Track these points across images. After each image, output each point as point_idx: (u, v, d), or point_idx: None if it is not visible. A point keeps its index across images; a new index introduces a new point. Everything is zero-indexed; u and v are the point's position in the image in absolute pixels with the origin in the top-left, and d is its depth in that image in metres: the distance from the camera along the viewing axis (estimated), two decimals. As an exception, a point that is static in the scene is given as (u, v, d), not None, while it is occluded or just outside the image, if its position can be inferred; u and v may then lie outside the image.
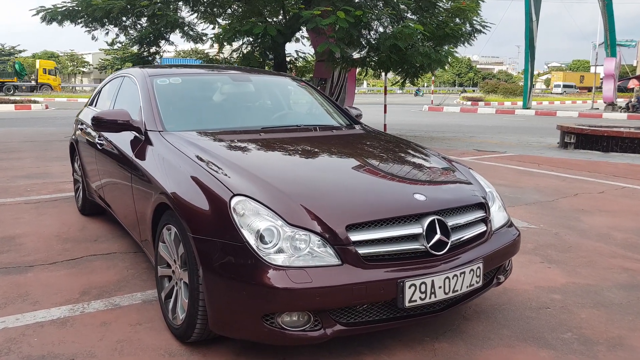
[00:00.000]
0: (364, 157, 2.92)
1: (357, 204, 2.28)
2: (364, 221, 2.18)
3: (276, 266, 2.07)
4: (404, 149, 3.24)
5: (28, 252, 3.76)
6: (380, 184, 2.51)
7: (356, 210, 2.23)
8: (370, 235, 2.17)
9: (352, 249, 2.13)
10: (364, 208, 2.26)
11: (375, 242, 2.18)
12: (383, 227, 2.21)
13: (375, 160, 2.91)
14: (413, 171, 2.78)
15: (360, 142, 3.35)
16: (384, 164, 2.86)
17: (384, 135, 3.67)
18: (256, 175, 2.40)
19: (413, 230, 2.24)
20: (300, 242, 2.13)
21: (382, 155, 3.08)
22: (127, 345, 2.49)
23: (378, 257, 2.18)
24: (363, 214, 2.21)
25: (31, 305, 2.89)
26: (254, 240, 2.11)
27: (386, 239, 2.20)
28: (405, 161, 2.98)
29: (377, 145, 3.32)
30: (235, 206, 2.21)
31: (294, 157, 2.83)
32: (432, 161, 3.03)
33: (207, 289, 2.21)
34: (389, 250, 2.19)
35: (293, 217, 2.16)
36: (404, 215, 2.25)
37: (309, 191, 2.33)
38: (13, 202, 5.30)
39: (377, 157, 3.01)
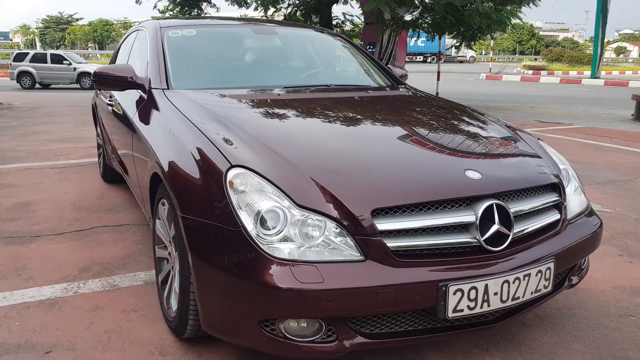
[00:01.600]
0: (403, 124, 2.36)
1: (389, 183, 1.75)
2: (396, 205, 1.67)
3: (279, 260, 1.60)
4: (455, 114, 2.65)
5: (38, 221, 3.50)
6: (422, 157, 1.96)
7: (387, 191, 1.71)
8: (404, 223, 1.65)
9: (379, 240, 1.62)
10: (398, 188, 1.73)
11: (410, 233, 1.67)
12: (422, 213, 1.68)
13: (417, 126, 2.34)
14: (466, 142, 2.20)
15: (402, 106, 2.78)
16: (428, 131, 2.30)
17: (432, 99, 3.08)
18: (265, 143, 1.92)
19: (463, 218, 1.70)
20: (312, 229, 1.65)
21: (427, 121, 2.51)
22: (115, 337, 2.13)
23: (413, 253, 1.66)
24: (396, 196, 1.69)
25: (24, 282, 2.60)
26: (252, 224, 1.64)
27: (425, 229, 1.68)
28: (457, 129, 2.40)
29: (423, 109, 2.75)
30: (233, 179, 1.74)
31: (316, 123, 2.31)
32: (491, 129, 2.43)
33: (196, 281, 1.78)
34: (428, 243, 1.67)
35: (304, 197, 1.67)
36: (452, 198, 1.72)
37: (327, 165, 1.82)
38: (39, 166, 5.12)
39: (420, 123, 2.45)
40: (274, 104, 2.54)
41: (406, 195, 1.69)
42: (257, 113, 2.39)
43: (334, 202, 1.66)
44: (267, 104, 2.53)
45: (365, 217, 1.63)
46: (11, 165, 5.11)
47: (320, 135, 2.11)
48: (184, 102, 2.41)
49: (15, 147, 6.04)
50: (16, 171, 4.87)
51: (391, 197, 1.68)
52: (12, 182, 4.48)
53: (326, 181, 1.71)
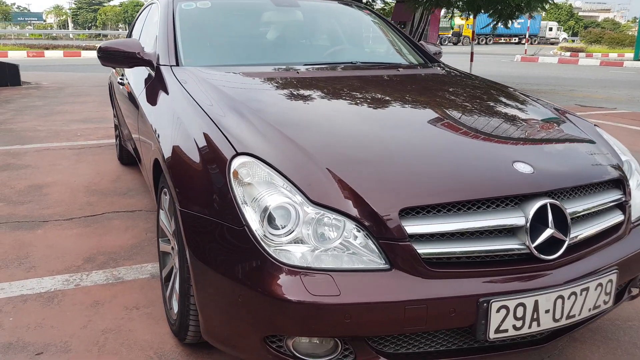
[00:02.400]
0: (438, 106, 2.06)
1: (422, 177, 1.48)
2: (430, 204, 1.40)
3: (288, 266, 1.36)
4: (497, 96, 2.34)
5: (48, 205, 3.35)
6: (461, 146, 1.67)
7: (419, 186, 1.44)
8: (439, 226, 1.38)
9: (408, 246, 1.36)
10: (432, 183, 1.46)
11: (446, 238, 1.40)
12: (460, 214, 1.41)
13: (455, 110, 2.04)
14: (512, 128, 1.89)
15: (436, 86, 2.48)
16: (467, 115, 1.99)
17: (470, 77, 2.75)
18: (278, 128, 1.66)
19: (510, 221, 1.42)
20: (329, 229, 1.40)
21: (465, 103, 2.20)
22: (113, 338, 1.94)
23: (449, 261, 1.40)
24: (429, 193, 1.42)
25: (25, 272, 2.44)
26: (258, 223, 1.40)
27: (464, 233, 1.41)
28: (500, 112, 2.09)
29: (460, 89, 2.43)
30: (238, 169, 1.50)
31: (339, 105, 2.04)
32: (539, 114, 2.12)
33: (195, 284, 1.56)
34: (467, 250, 1.40)
35: (318, 192, 1.42)
36: (497, 196, 1.44)
37: (348, 154, 1.56)
38: (58, 147, 5.00)
39: (458, 105, 2.14)
40: (292, 83, 2.28)
41: (443, 192, 1.42)
42: (273, 93, 2.13)
43: (354, 198, 1.40)
44: (285, 83, 2.27)
45: (392, 217, 1.37)
46: (30, 145, 5.01)
47: (342, 119, 1.83)
48: (192, 81, 2.17)
49: (36, 127, 5.96)
50: (34, 152, 4.76)
51: (424, 194, 1.41)
52: (28, 163, 4.37)
53: (346, 173, 1.45)
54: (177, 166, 1.72)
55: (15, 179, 3.89)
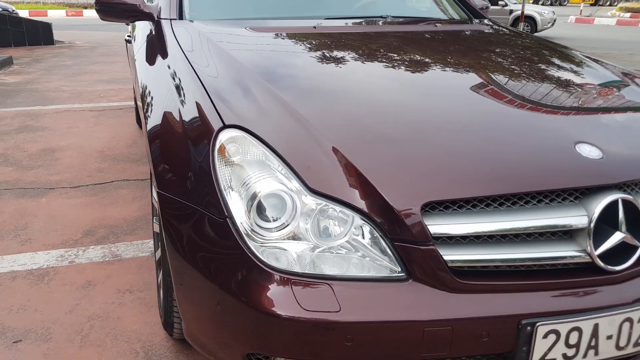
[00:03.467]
0: (483, 71, 1.69)
1: (453, 162, 1.15)
2: (461, 198, 1.08)
3: (277, 271, 1.08)
4: (554, 58, 1.94)
5: (58, 170, 3.19)
6: (508, 122, 1.31)
7: (449, 175, 1.11)
8: (471, 226, 1.07)
9: (431, 250, 1.06)
10: (466, 171, 1.12)
11: (481, 241, 1.09)
12: (500, 212, 1.09)
13: (502, 75, 1.66)
14: (573, 99, 1.51)
15: (482, 46, 2.09)
16: (517, 83, 1.62)
17: (521, 36, 2.34)
18: (282, 97, 1.36)
19: (567, 220, 1.09)
20: (334, 223, 1.12)
21: (515, 67, 1.81)
22: (99, 326, 1.75)
23: (483, 272, 1.09)
24: (462, 184, 1.09)
25: (19, 245, 2.28)
26: (244, 214, 1.12)
27: (504, 236, 1.09)
28: (558, 80, 1.69)
29: (509, 50, 2.04)
30: (226, 144, 1.22)
31: (361, 69, 1.69)
32: (606, 80, 1.72)
33: (173, 279, 1.31)
34: (507, 258, 1.08)
35: (319, 178, 1.12)
36: (552, 189, 1.10)
37: (362, 131, 1.24)
38: (79, 108, 4.86)
39: (506, 70, 1.76)
40: (310, 41, 1.94)
41: (480, 182, 1.09)
42: (283, 53, 1.82)
43: (364, 187, 1.10)
44: (301, 42, 1.94)
45: (412, 213, 1.06)
46: (51, 106, 4.89)
47: (362, 86, 1.50)
48: (190, 37, 1.88)
49: (61, 87, 5.84)
50: (53, 113, 4.63)
51: (456, 184, 1.09)
52: (46, 124, 4.24)
53: (356, 154, 1.14)
54: (158, 139, 1.45)
55: (29, 142, 3.76)
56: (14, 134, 3.94)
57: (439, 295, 1.06)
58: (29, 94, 5.38)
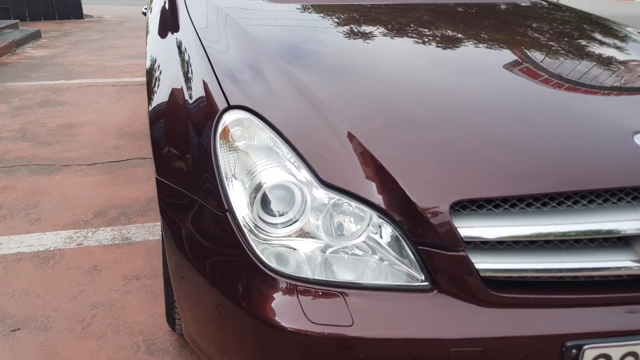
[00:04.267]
0: (518, 48, 1.49)
1: (489, 154, 0.97)
2: (497, 196, 0.91)
3: (281, 275, 0.94)
4: (601, 34, 1.71)
5: (75, 147, 3.12)
6: (551, 109, 1.11)
7: (483, 170, 0.94)
8: (508, 229, 0.90)
9: (461, 256, 0.89)
10: (504, 165, 0.94)
11: (519, 247, 0.92)
12: (542, 213, 0.91)
13: (541, 53, 1.45)
14: (629, 82, 1.30)
15: (516, 20, 1.87)
16: (560, 62, 1.41)
17: (561, 9, 2.10)
18: (297, 76, 1.19)
19: (621, 225, 0.91)
20: (349, 219, 0.97)
21: (557, 44, 1.59)
22: (102, 315, 1.65)
23: (521, 283, 0.93)
24: (497, 179, 0.92)
25: (29, 224, 2.21)
26: (247, 206, 0.98)
27: (547, 242, 0.92)
28: (609, 59, 1.47)
29: (549, 25, 1.82)
30: (231, 128, 1.07)
31: (386, 46, 1.49)
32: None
33: (171, 272, 1.19)
34: (550, 267, 0.91)
35: (333, 170, 0.97)
36: (605, 188, 0.92)
37: (384, 114, 1.06)
38: (101, 83, 4.79)
39: (547, 48, 1.54)
40: (334, 15, 1.76)
41: (520, 178, 0.91)
42: (304, 28, 1.64)
43: (383, 180, 0.93)
44: (324, 16, 1.76)
45: (439, 212, 0.90)
46: (74, 81, 4.83)
47: (387, 66, 1.30)
48: (203, 8, 1.73)
49: (86, 61, 5.79)
50: (76, 87, 4.57)
51: (491, 180, 0.92)
52: (67, 99, 4.18)
53: (375, 141, 0.98)
54: (160, 120, 1.31)
55: (49, 117, 3.70)
56: (35, 108, 3.90)
57: (468, 310, 0.90)
58: (53, 68, 5.35)
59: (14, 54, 6.00)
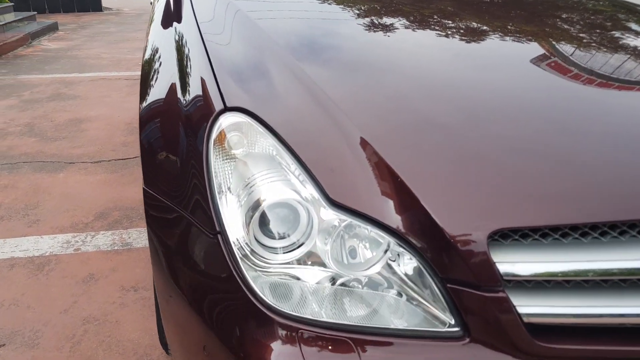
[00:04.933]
0: (549, 41, 1.30)
1: (534, 169, 0.79)
2: (548, 225, 0.73)
3: (278, 314, 0.78)
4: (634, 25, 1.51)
5: (81, 143, 3.01)
6: (604, 113, 0.94)
7: (527, 189, 0.77)
8: (561, 265, 0.73)
9: (500, 298, 0.72)
10: (555, 183, 0.77)
11: (570, 286, 0.75)
12: (604, 245, 0.74)
13: (579, 48, 1.27)
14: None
15: (549, 11, 1.68)
16: (599, 57, 1.22)
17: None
18: (308, 75, 1.02)
19: None
20: (363, 245, 0.81)
21: (593, 37, 1.40)
22: (93, 331, 1.52)
23: (573, 330, 0.75)
24: (548, 203, 0.74)
25: (26, 226, 2.09)
26: (242, 226, 0.82)
27: (606, 280, 0.75)
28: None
29: (582, 17, 1.62)
30: (227, 131, 0.91)
31: (408, 38, 1.32)
32: None
33: (157, 293, 1.05)
34: (612, 313, 0.74)
35: (345, 187, 0.80)
36: None
37: (406, 124, 0.89)
38: (114, 76, 4.69)
39: (582, 41, 1.35)
40: (353, 6, 1.59)
41: (579, 202, 0.74)
42: (320, 20, 1.47)
43: (404, 201, 0.77)
44: (343, 6, 1.60)
45: (474, 242, 0.73)
46: (87, 74, 4.74)
47: (410, 63, 1.13)
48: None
49: (101, 54, 5.71)
50: (88, 81, 4.48)
51: (541, 204, 0.74)
52: (79, 93, 4.09)
53: (394, 153, 0.81)
54: (149, 122, 1.16)
55: (59, 111, 3.60)
56: (45, 102, 3.81)
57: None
58: (67, 61, 5.28)
59: (29, 46, 5.95)
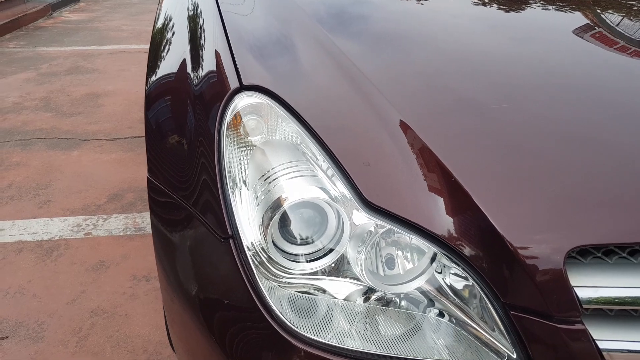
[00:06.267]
0: (598, 9, 1.11)
1: (616, 174, 0.62)
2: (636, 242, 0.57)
3: (300, 339, 0.64)
4: None
5: (97, 119, 2.90)
6: None
7: (615, 200, 0.60)
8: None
9: (575, 330, 0.57)
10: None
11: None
12: None
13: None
14: None
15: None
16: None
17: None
18: (340, 50, 0.86)
19: None
20: (403, 255, 0.66)
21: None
22: (101, 325, 1.42)
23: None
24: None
25: (37, 208, 2.00)
26: (258, 229, 0.68)
27: None
28: None
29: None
30: (242, 114, 0.77)
31: (447, 13, 1.15)
32: None
33: (162, 291, 0.92)
34: None
35: (383, 187, 0.65)
36: None
37: (462, 109, 0.73)
38: (134, 49, 4.56)
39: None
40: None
41: None
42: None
43: (459, 205, 0.61)
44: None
45: (548, 261, 0.57)
46: (107, 46, 4.62)
47: (461, 35, 0.97)
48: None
49: (121, 26, 5.58)
50: (108, 54, 4.36)
51: (631, 216, 0.58)
52: (97, 66, 3.97)
53: (446, 145, 0.66)
54: (155, 101, 1.01)
55: (76, 85, 3.50)
56: (62, 75, 3.71)
57: None
58: (88, 33, 5.16)
59: (49, 18, 5.86)
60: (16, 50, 4.42)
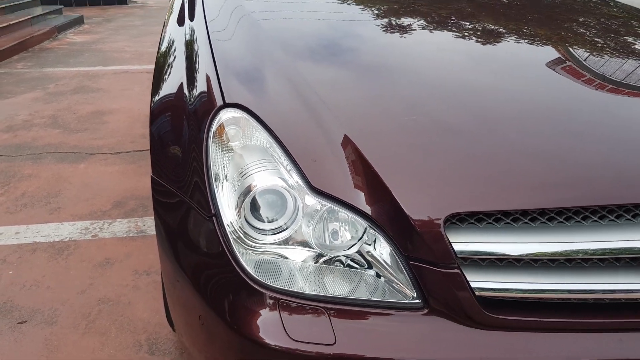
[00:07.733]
0: (561, 45, 1.35)
1: (485, 162, 0.86)
2: (498, 210, 0.81)
3: (265, 287, 0.87)
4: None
5: (102, 135, 3.13)
6: (589, 112, 0.99)
7: (481, 180, 0.84)
8: (507, 245, 0.81)
9: (454, 274, 0.80)
10: (505, 175, 0.84)
11: (520, 265, 0.82)
12: (547, 231, 0.81)
13: (585, 51, 1.30)
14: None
15: (564, 14, 1.71)
16: (604, 60, 1.26)
17: (609, 5, 1.91)
18: (302, 75, 1.10)
19: (631, 244, 0.82)
20: (344, 227, 0.89)
21: (602, 41, 1.43)
22: (107, 311, 1.63)
23: (520, 303, 0.82)
24: (500, 192, 0.82)
25: (48, 214, 2.22)
26: (234, 210, 0.91)
27: (553, 260, 0.82)
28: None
29: (594, 20, 1.64)
30: (226, 126, 1.00)
31: (410, 40, 1.36)
32: None
33: (164, 274, 1.14)
34: (554, 289, 0.81)
35: (325, 177, 0.88)
36: (619, 204, 0.82)
37: (385, 121, 0.96)
38: (137, 70, 4.82)
39: (591, 45, 1.38)
40: (369, 6, 1.66)
41: (526, 191, 0.81)
42: (322, 19, 1.54)
43: (376, 188, 0.84)
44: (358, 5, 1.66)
45: (432, 224, 0.80)
46: (111, 67, 4.89)
47: (414, 64, 1.19)
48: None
49: (124, 47, 5.86)
50: (111, 74, 4.62)
51: (493, 192, 0.82)
52: (101, 86, 4.23)
53: (370, 147, 0.89)
54: (159, 115, 1.25)
55: (82, 104, 3.74)
56: (69, 94, 3.96)
57: (461, 332, 0.80)
58: (92, 54, 5.44)
59: (55, 40, 6.14)
60: (24, 71, 4.68)
